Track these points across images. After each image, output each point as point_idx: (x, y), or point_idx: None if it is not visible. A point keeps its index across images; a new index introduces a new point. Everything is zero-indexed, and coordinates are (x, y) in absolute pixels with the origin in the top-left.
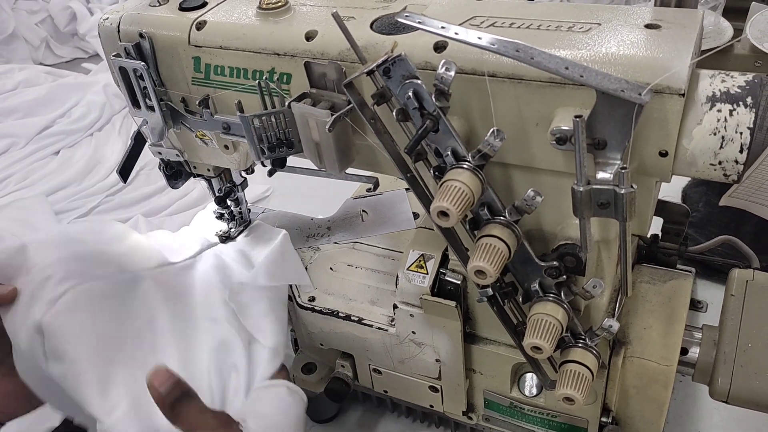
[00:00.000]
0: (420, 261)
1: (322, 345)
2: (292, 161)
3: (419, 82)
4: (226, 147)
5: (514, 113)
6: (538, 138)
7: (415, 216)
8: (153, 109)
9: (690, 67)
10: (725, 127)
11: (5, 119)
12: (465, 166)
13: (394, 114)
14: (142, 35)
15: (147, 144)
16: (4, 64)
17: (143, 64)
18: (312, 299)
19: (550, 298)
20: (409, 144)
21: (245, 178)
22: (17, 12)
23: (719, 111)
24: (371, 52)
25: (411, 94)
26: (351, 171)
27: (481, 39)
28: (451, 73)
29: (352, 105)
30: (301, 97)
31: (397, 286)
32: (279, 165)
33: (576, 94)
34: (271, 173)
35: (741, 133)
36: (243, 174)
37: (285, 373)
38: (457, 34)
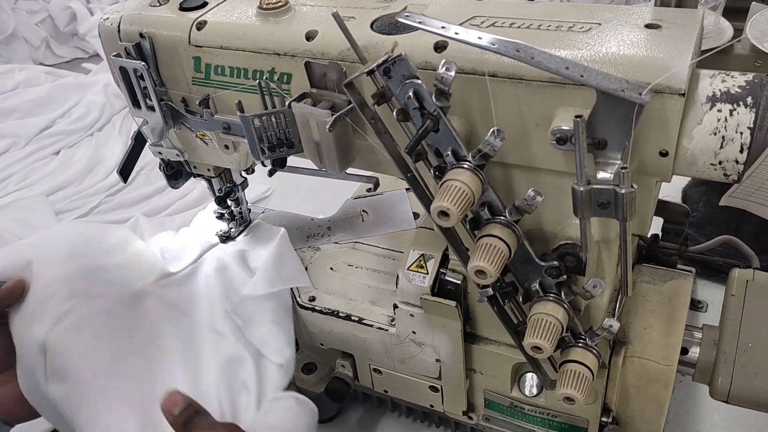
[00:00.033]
0: (420, 261)
1: (322, 345)
2: (293, 161)
3: (419, 82)
4: (226, 147)
5: (515, 113)
6: (538, 138)
7: (416, 216)
8: (153, 109)
9: (690, 67)
10: (725, 127)
11: (5, 119)
12: (465, 166)
13: (395, 114)
14: (142, 35)
15: (147, 144)
16: (4, 64)
17: (143, 64)
18: (312, 299)
19: (551, 298)
20: (409, 144)
21: (245, 178)
22: (17, 12)
23: (719, 111)
24: (371, 52)
25: (411, 94)
26: (351, 171)
27: (481, 39)
28: (452, 73)
29: (352, 105)
30: (301, 97)
31: (397, 286)
32: (279, 165)
33: (576, 94)
34: (271, 173)
35: (741, 133)
36: (243, 174)
37: (293, 384)
38: (458, 34)
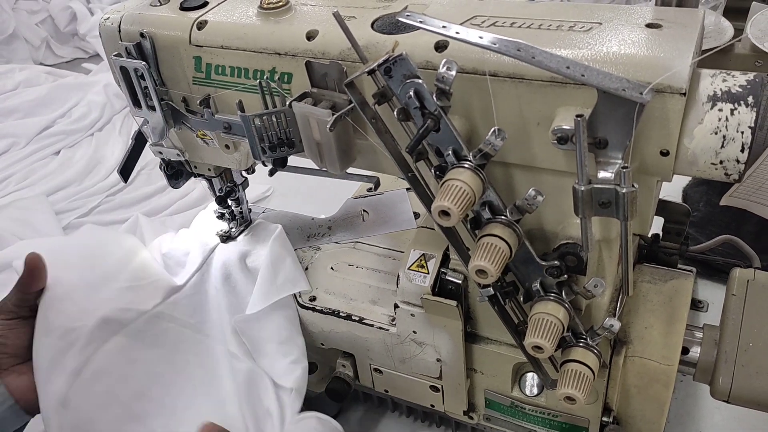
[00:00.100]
0: (421, 260)
1: (322, 344)
2: (293, 161)
3: (420, 81)
4: (226, 147)
5: (516, 113)
6: (539, 137)
7: (416, 216)
8: (154, 108)
9: (691, 67)
10: (726, 126)
11: (6, 119)
12: (466, 166)
13: (395, 113)
14: (143, 35)
15: (148, 144)
16: (4, 64)
17: (144, 63)
18: (313, 299)
19: (551, 298)
20: (410, 143)
21: (246, 178)
22: (17, 12)
23: (720, 110)
24: (372, 52)
25: (412, 94)
26: (352, 170)
27: (482, 38)
28: (452, 73)
29: (353, 104)
30: (302, 97)
31: (398, 285)
32: (280, 164)
33: (577, 94)
34: (271, 173)
35: (742, 133)
36: (244, 174)
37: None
38: (458, 33)
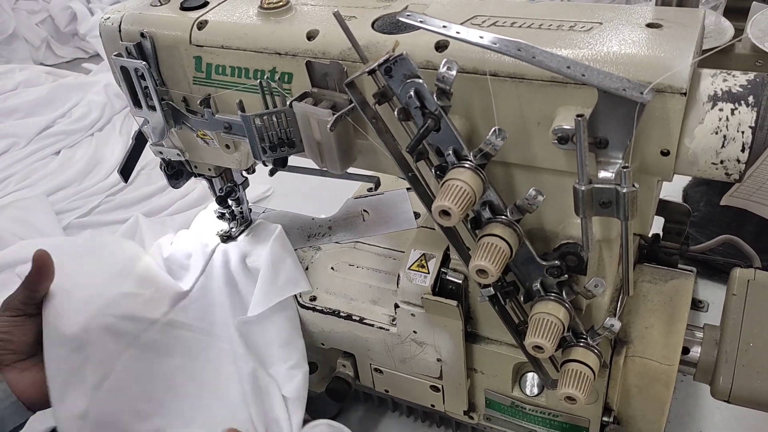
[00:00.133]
0: (421, 260)
1: (323, 344)
2: (294, 161)
3: (421, 81)
4: (227, 146)
5: (516, 112)
6: (539, 137)
7: (417, 215)
8: (154, 108)
9: (692, 67)
10: (727, 126)
11: (6, 119)
12: (466, 166)
13: (396, 113)
14: (143, 35)
15: (148, 144)
16: (4, 65)
17: (144, 63)
18: (313, 299)
19: (552, 298)
20: (410, 143)
21: (246, 178)
22: (18, 12)
23: (721, 110)
24: (372, 52)
25: (412, 94)
26: (352, 170)
27: (482, 38)
28: (453, 73)
29: (353, 104)
30: (302, 97)
31: (398, 285)
32: (280, 164)
33: (578, 93)
34: (272, 173)
35: (743, 132)
36: (244, 173)
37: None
38: (459, 33)
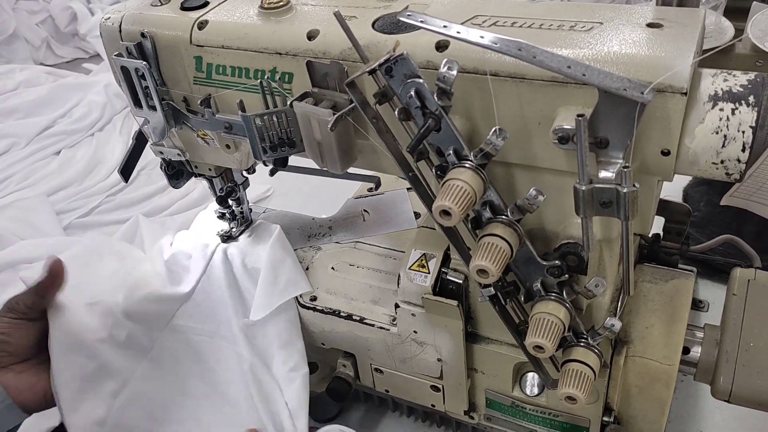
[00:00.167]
0: (422, 260)
1: (323, 344)
2: (294, 160)
3: (421, 81)
4: (227, 146)
5: (516, 112)
6: (540, 137)
7: (417, 215)
8: (155, 108)
9: (692, 66)
10: (727, 126)
11: (6, 119)
12: (467, 165)
13: (396, 113)
14: (143, 35)
15: (148, 144)
16: (4, 65)
17: (145, 63)
18: (314, 299)
19: (552, 297)
20: (411, 143)
21: (247, 178)
22: (18, 12)
23: (721, 110)
24: (373, 52)
25: (413, 94)
26: (352, 170)
27: (483, 38)
28: (453, 72)
29: (354, 104)
30: (303, 97)
31: (398, 285)
32: (281, 164)
33: (578, 93)
34: (272, 173)
35: (743, 132)
36: (244, 173)
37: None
38: (459, 33)
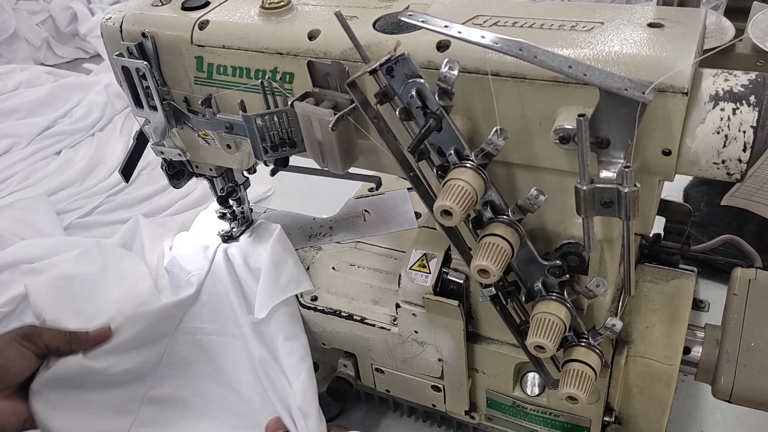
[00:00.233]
0: (422, 260)
1: (324, 344)
2: (295, 160)
3: (422, 81)
4: (228, 146)
5: (517, 112)
6: (541, 137)
7: (418, 215)
8: (155, 108)
9: (693, 66)
10: (728, 125)
11: (7, 119)
12: (468, 165)
13: (397, 113)
14: (144, 35)
15: (149, 144)
16: (5, 65)
17: (146, 63)
18: (314, 299)
19: (553, 297)
20: (412, 143)
21: (247, 178)
22: (18, 12)
23: (722, 110)
24: (374, 52)
25: (414, 93)
26: (353, 170)
27: (484, 38)
28: (454, 72)
29: (355, 104)
30: (303, 97)
31: (399, 285)
32: (281, 164)
33: (579, 93)
34: (273, 173)
35: (744, 132)
36: (245, 173)
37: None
38: (460, 33)
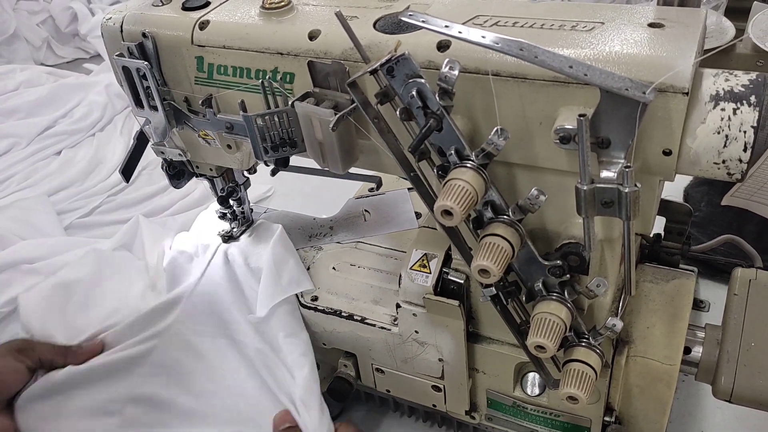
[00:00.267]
0: (423, 260)
1: (324, 344)
2: (295, 161)
3: (423, 81)
4: (228, 146)
5: (518, 112)
6: (541, 137)
7: (418, 215)
8: (156, 108)
9: (694, 66)
10: (729, 126)
11: (7, 120)
12: (468, 165)
13: (398, 113)
14: (145, 35)
15: (149, 144)
16: (5, 65)
17: (146, 63)
18: (315, 299)
19: (554, 297)
20: (412, 143)
21: (248, 178)
22: (18, 12)
23: (723, 110)
24: (374, 52)
25: (414, 93)
26: (354, 170)
27: (484, 38)
28: (455, 72)
29: (355, 104)
30: (304, 97)
31: (400, 285)
32: (282, 164)
33: (580, 93)
34: (273, 173)
35: (745, 132)
36: (246, 173)
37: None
38: (461, 33)
